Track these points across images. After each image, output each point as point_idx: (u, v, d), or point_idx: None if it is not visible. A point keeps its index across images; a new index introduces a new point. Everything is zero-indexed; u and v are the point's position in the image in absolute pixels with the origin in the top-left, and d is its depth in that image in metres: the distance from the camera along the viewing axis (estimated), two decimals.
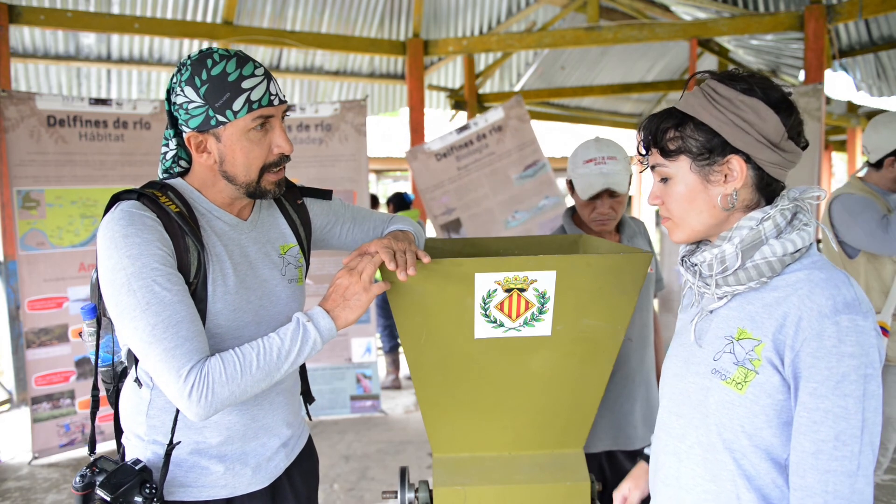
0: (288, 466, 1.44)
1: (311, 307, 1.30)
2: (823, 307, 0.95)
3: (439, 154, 4.89)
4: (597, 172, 1.87)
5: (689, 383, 1.11)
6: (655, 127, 1.09)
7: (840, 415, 0.93)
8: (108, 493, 1.16)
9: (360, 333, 4.65)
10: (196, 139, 1.23)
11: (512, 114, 4.77)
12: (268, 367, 1.19)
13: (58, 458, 3.92)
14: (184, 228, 1.20)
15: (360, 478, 3.63)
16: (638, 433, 1.95)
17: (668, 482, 1.15)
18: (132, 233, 1.15)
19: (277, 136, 1.25)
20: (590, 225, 1.96)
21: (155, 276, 1.14)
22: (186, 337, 1.15)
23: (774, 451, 1.01)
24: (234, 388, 1.16)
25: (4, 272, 4.73)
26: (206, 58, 1.20)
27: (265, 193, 1.29)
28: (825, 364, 0.94)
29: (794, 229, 1.03)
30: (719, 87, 1.05)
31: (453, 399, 1.51)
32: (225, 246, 1.29)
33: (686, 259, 1.15)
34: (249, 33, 5.36)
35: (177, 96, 1.22)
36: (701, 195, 1.07)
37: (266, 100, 1.21)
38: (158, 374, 1.14)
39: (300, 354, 1.23)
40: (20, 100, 3.80)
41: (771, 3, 5.51)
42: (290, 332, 1.23)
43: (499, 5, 6.60)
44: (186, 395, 1.13)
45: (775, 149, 1.03)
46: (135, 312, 1.13)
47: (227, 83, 1.18)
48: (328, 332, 1.26)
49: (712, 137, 1.04)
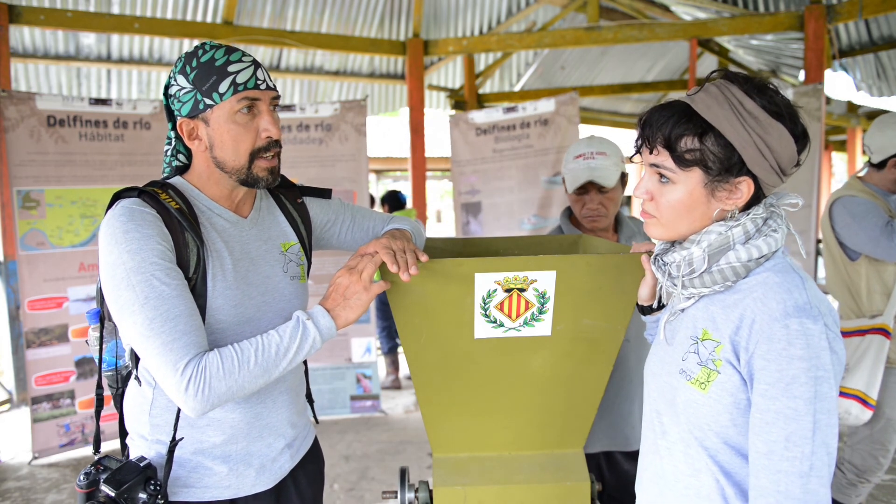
0: (293, 468, 1.43)
1: (311, 307, 1.30)
2: (774, 311, 0.97)
3: (480, 129, 4.76)
4: (584, 167, 1.89)
5: (664, 382, 1.13)
6: (670, 129, 1.03)
7: (790, 416, 0.93)
8: (112, 488, 1.17)
9: (360, 333, 4.65)
10: (188, 126, 1.26)
11: (563, 111, 4.59)
12: (266, 364, 1.19)
13: (58, 458, 3.92)
14: (183, 224, 1.22)
15: (360, 478, 3.63)
16: (636, 433, 1.95)
17: (654, 479, 1.16)
18: (132, 228, 1.16)
19: (265, 120, 1.26)
20: (581, 222, 1.97)
21: (154, 271, 1.15)
22: (184, 331, 1.15)
23: (743, 448, 1.02)
24: (231, 383, 1.16)
25: (4, 272, 4.73)
26: (198, 49, 1.25)
27: (258, 181, 1.29)
28: (775, 366, 0.95)
29: (762, 235, 1.04)
30: (747, 101, 1.00)
31: (453, 399, 1.51)
32: (225, 242, 1.29)
33: (658, 258, 1.15)
34: (249, 33, 5.36)
35: (171, 87, 1.26)
36: (701, 207, 1.05)
37: (252, 83, 1.24)
38: (156, 368, 1.15)
39: (299, 352, 1.23)
40: (20, 100, 3.80)
41: (771, 3, 5.51)
42: (290, 330, 1.23)
43: (499, 5, 6.60)
44: (183, 389, 1.13)
45: (782, 175, 1.03)
46: (133, 307, 1.14)
47: (213, 68, 1.22)
48: (328, 331, 1.26)
49: (732, 155, 1.01)
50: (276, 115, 1.29)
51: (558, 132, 4.62)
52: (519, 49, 5.88)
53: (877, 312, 2.47)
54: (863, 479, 2.54)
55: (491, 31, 6.67)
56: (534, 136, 4.67)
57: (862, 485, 2.55)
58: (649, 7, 6.46)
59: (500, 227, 4.84)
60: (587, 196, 1.92)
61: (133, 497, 1.18)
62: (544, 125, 4.64)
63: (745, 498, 1.03)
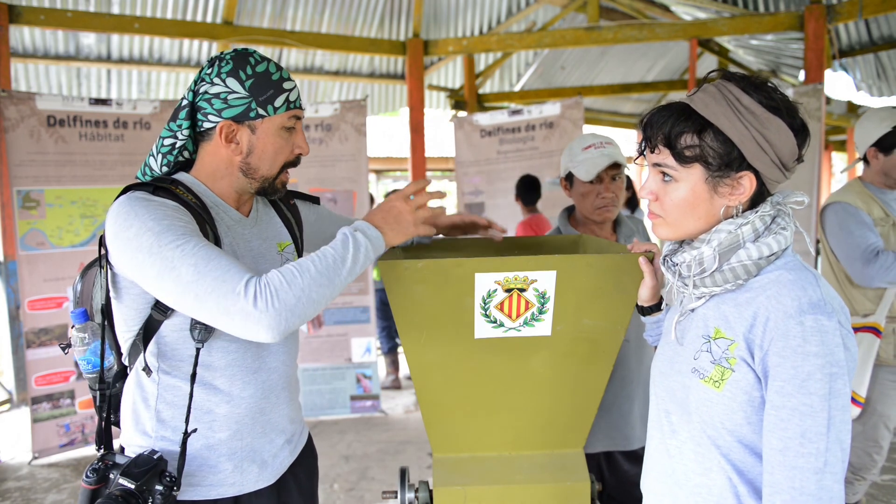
0: (292, 464, 1.46)
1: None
2: (789, 308, 0.97)
3: (484, 130, 4.79)
4: (599, 154, 1.89)
5: (674, 381, 1.13)
6: (670, 127, 1.05)
7: (806, 412, 0.94)
8: (131, 480, 1.15)
9: (360, 334, 4.65)
10: (229, 128, 1.26)
11: (568, 114, 4.63)
12: (327, 272, 1.15)
13: (58, 458, 3.92)
14: (203, 216, 1.23)
15: (360, 478, 3.63)
16: (636, 434, 1.95)
17: (662, 479, 1.16)
18: (153, 206, 1.16)
19: (299, 138, 1.34)
20: (592, 216, 1.95)
21: (185, 232, 1.13)
22: (232, 263, 1.12)
23: (756, 446, 1.03)
24: (297, 291, 1.11)
25: (4, 272, 4.73)
26: (249, 56, 1.27)
27: (275, 191, 1.35)
28: (791, 363, 0.95)
29: (771, 233, 1.04)
30: (744, 97, 1.01)
31: (453, 399, 1.51)
32: (232, 239, 1.32)
33: (668, 259, 1.16)
34: (249, 33, 5.36)
35: (212, 86, 1.25)
36: (704, 204, 1.06)
37: (299, 103, 1.32)
38: (215, 305, 1.09)
39: (356, 261, 1.19)
40: (20, 100, 3.80)
41: (771, 3, 5.51)
42: (340, 242, 1.20)
43: (499, 5, 6.60)
44: (252, 305, 1.07)
45: (784, 170, 1.04)
46: (173, 262, 1.10)
47: (271, 81, 1.26)
48: (378, 241, 1.23)
49: (731, 150, 1.02)
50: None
51: (563, 135, 4.66)
52: (519, 49, 5.88)
53: (868, 312, 2.48)
54: (858, 477, 2.56)
55: (491, 31, 6.67)
56: (539, 138, 4.70)
57: (858, 482, 2.57)
58: (649, 7, 6.46)
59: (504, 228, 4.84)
60: (601, 185, 1.91)
61: (151, 488, 1.17)
62: (549, 128, 4.68)
63: (757, 496, 1.03)
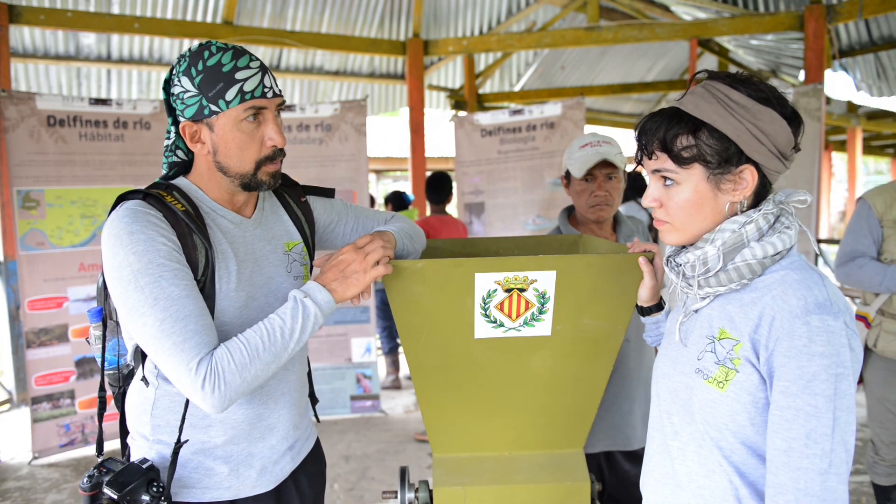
0: (294, 469, 1.43)
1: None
2: (795, 308, 0.97)
3: (485, 130, 4.79)
4: (592, 152, 1.90)
5: (677, 382, 1.13)
6: (664, 131, 1.05)
7: (811, 413, 0.94)
8: (114, 490, 1.16)
9: (360, 334, 4.65)
10: (190, 129, 1.24)
11: (569, 114, 4.63)
12: (274, 349, 1.18)
13: (58, 458, 3.92)
14: (191, 226, 1.21)
15: (360, 478, 3.63)
16: (636, 433, 1.95)
17: (664, 480, 1.16)
18: (137, 230, 1.16)
19: (270, 129, 1.25)
20: (587, 215, 1.96)
21: (162, 272, 1.14)
22: (195, 331, 1.14)
23: (759, 448, 1.02)
24: (245, 374, 1.16)
25: (4, 272, 4.73)
26: (204, 49, 1.22)
27: (260, 185, 1.29)
28: (796, 363, 0.95)
29: (776, 232, 1.04)
30: (732, 93, 1.02)
31: (453, 399, 1.51)
32: (230, 244, 1.29)
33: (671, 259, 1.15)
34: (249, 33, 5.36)
35: (174, 86, 1.24)
36: (709, 203, 1.06)
37: (259, 91, 1.22)
38: (169, 369, 1.14)
39: (304, 331, 1.21)
40: (20, 100, 3.80)
41: (771, 3, 5.51)
42: (290, 311, 1.21)
43: (499, 5, 6.60)
44: (199, 387, 1.13)
45: (782, 159, 1.04)
46: (143, 308, 1.13)
47: (221, 73, 1.20)
48: (327, 306, 1.24)
49: (728, 146, 1.02)
50: (280, 122, 1.28)
51: (565, 135, 4.67)
52: (519, 49, 5.88)
53: (865, 302, 2.56)
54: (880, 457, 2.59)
55: (491, 31, 6.67)
56: (539, 138, 4.71)
57: (883, 463, 2.59)
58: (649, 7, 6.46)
59: (503, 228, 4.86)
60: (594, 183, 1.92)
61: (136, 499, 1.18)
62: (551, 128, 4.68)
63: (759, 498, 1.03)
